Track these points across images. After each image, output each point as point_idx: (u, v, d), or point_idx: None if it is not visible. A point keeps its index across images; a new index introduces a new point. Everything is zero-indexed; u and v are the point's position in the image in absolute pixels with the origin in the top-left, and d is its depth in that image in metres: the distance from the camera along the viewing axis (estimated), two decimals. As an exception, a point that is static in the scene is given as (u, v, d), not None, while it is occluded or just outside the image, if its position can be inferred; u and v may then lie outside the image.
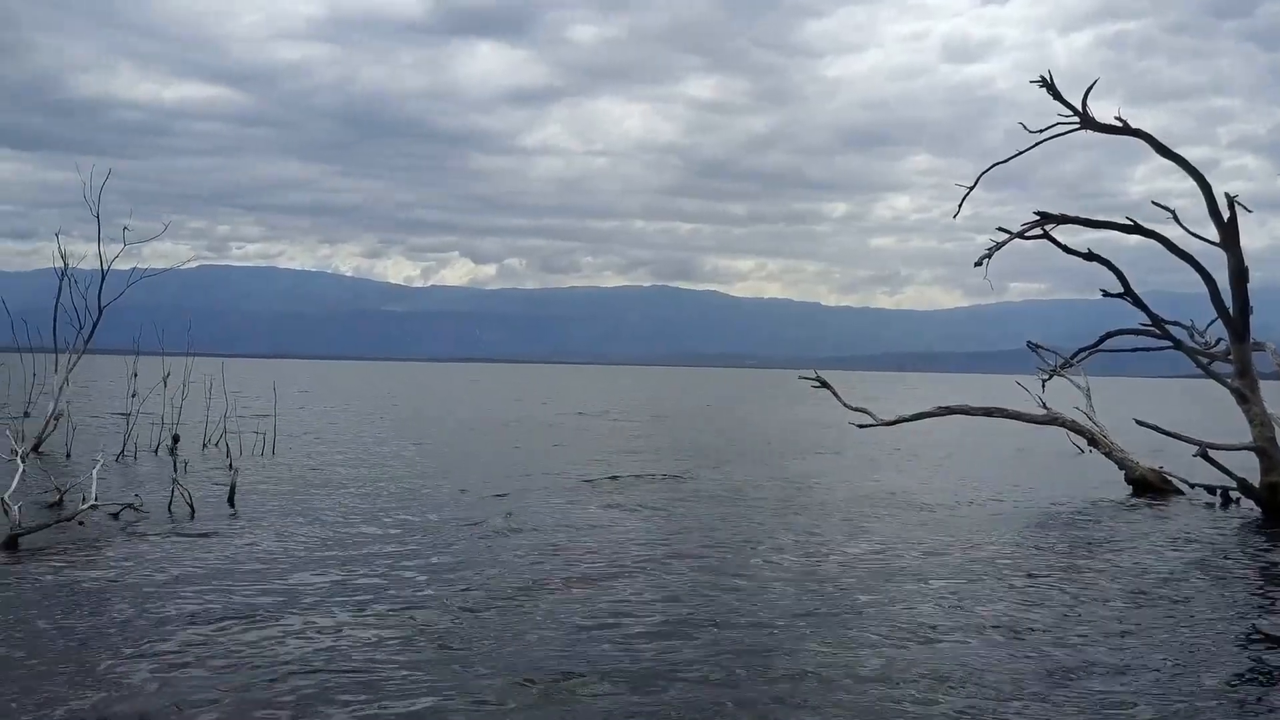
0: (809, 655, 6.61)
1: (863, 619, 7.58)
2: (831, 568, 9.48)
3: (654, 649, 6.67)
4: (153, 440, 18.59)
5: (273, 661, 6.23)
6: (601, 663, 6.36)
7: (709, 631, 7.11)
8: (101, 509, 11.02)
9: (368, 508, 12.50)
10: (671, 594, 8.22)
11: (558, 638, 6.92)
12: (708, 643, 6.83)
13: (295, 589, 8.11)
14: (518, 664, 6.30)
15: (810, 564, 9.64)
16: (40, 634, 6.75)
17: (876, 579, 8.98)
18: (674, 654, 6.58)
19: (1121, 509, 14.02)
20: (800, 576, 9.03)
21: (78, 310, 18.51)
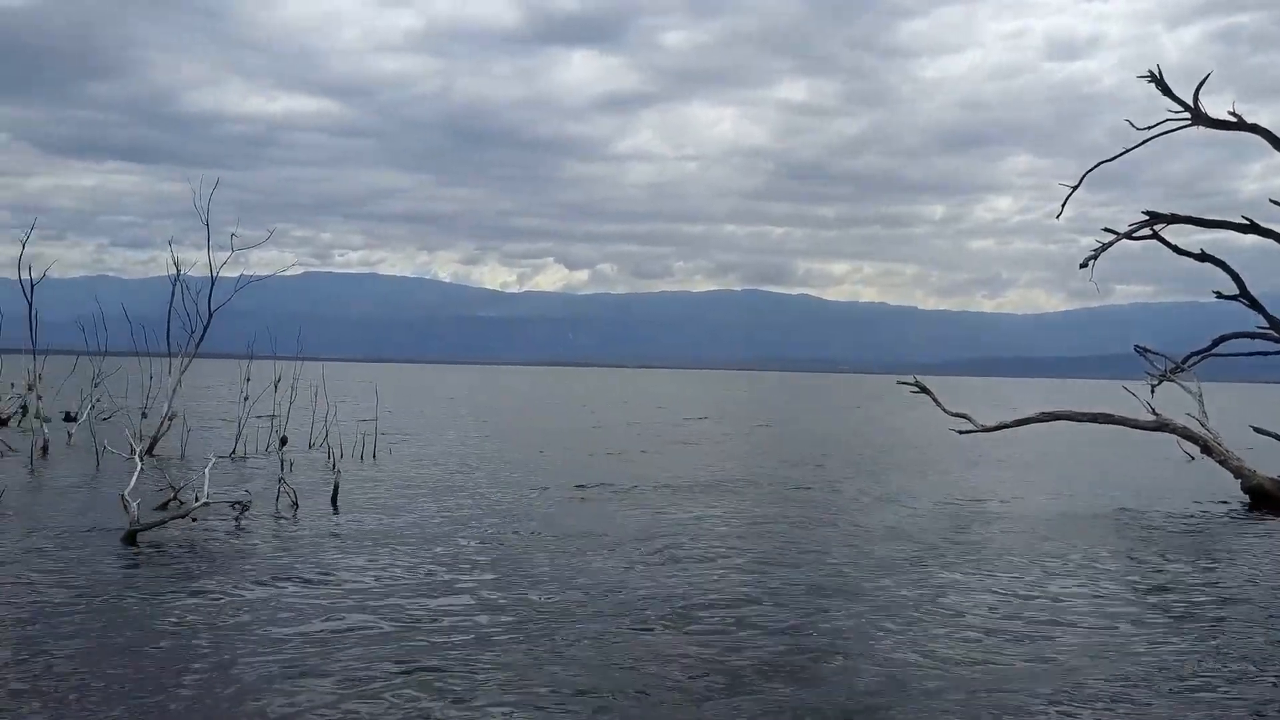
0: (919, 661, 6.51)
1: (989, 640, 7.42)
2: (940, 574, 9.31)
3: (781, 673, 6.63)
4: (261, 441, 19.21)
5: (366, 655, 6.39)
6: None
7: (836, 660, 7.03)
8: (213, 506, 11.45)
9: (470, 511, 12.71)
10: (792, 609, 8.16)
11: (676, 663, 6.92)
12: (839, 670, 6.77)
13: (390, 587, 8.31)
14: (623, 685, 6.32)
15: (912, 571, 9.48)
16: (155, 622, 7.06)
17: (993, 592, 8.78)
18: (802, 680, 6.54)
19: (1240, 519, 13.46)
20: (902, 584, 8.88)
21: (189, 315, 19.30)
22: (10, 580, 8.19)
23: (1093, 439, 23.39)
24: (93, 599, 7.65)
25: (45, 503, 12.63)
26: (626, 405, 48.17)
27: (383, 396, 21.59)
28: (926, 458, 21.82)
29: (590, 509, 13.01)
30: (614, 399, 56.83)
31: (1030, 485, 17.11)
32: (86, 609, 7.37)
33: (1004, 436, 16.58)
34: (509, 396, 56.63)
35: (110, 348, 23.67)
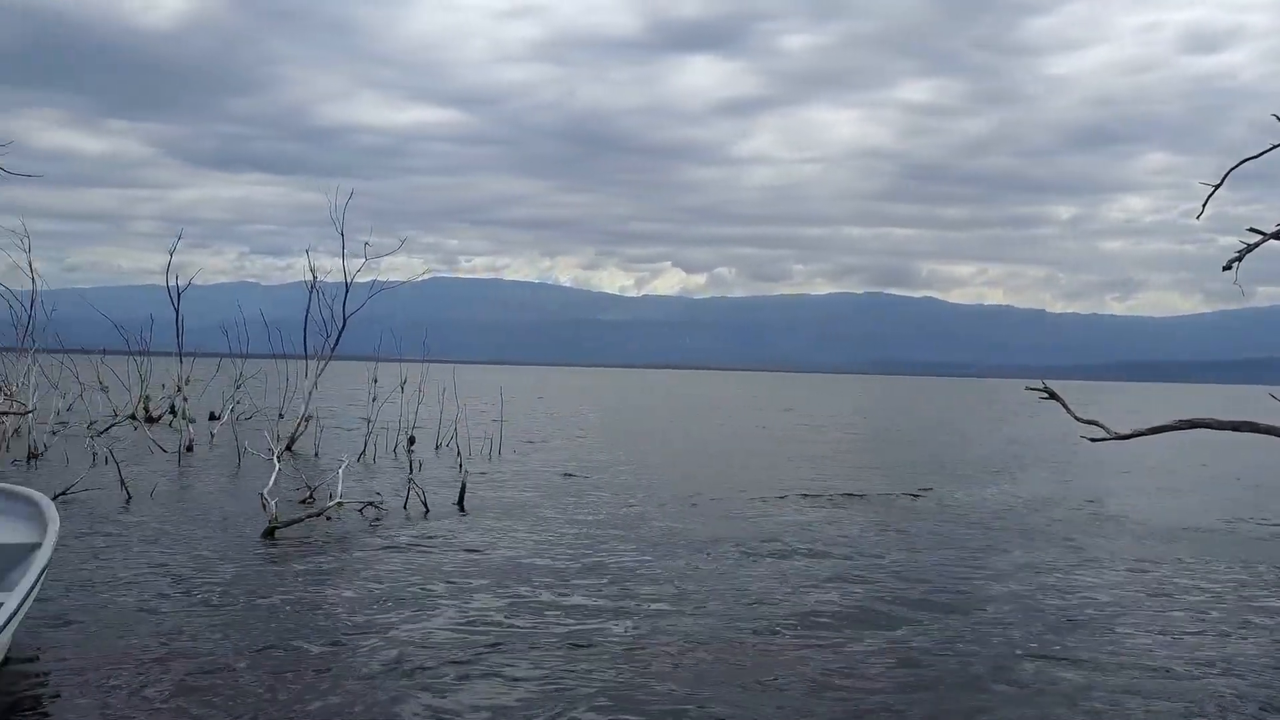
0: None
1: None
2: (1075, 599, 9.00)
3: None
4: (390, 442, 19.83)
5: (492, 652, 6.51)
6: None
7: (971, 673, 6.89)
8: (346, 506, 11.88)
9: (593, 513, 12.81)
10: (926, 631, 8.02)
11: (797, 686, 6.88)
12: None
13: (517, 585, 8.43)
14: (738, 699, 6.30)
15: (1052, 594, 9.18)
16: (292, 615, 7.35)
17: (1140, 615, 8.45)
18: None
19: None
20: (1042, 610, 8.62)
21: (324, 320, 20.07)
22: (159, 570, 8.65)
23: (1236, 447, 22.22)
24: (236, 591, 8.01)
25: (191, 498, 13.31)
26: (752, 409, 47.88)
27: (506, 398, 22.00)
28: (1060, 464, 21.07)
29: (719, 513, 12.93)
30: (739, 402, 56.53)
31: (1170, 495, 16.36)
32: (230, 600, 7.72)
33: (1138, 444, 15.86)
34: (628, 399, 56.97)
35: (250, 351, 24.81)
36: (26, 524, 7.15)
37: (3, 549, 6.74)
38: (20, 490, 7.62)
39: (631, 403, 51.78)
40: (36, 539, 6.71)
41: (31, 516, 7.21)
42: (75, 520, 10.58)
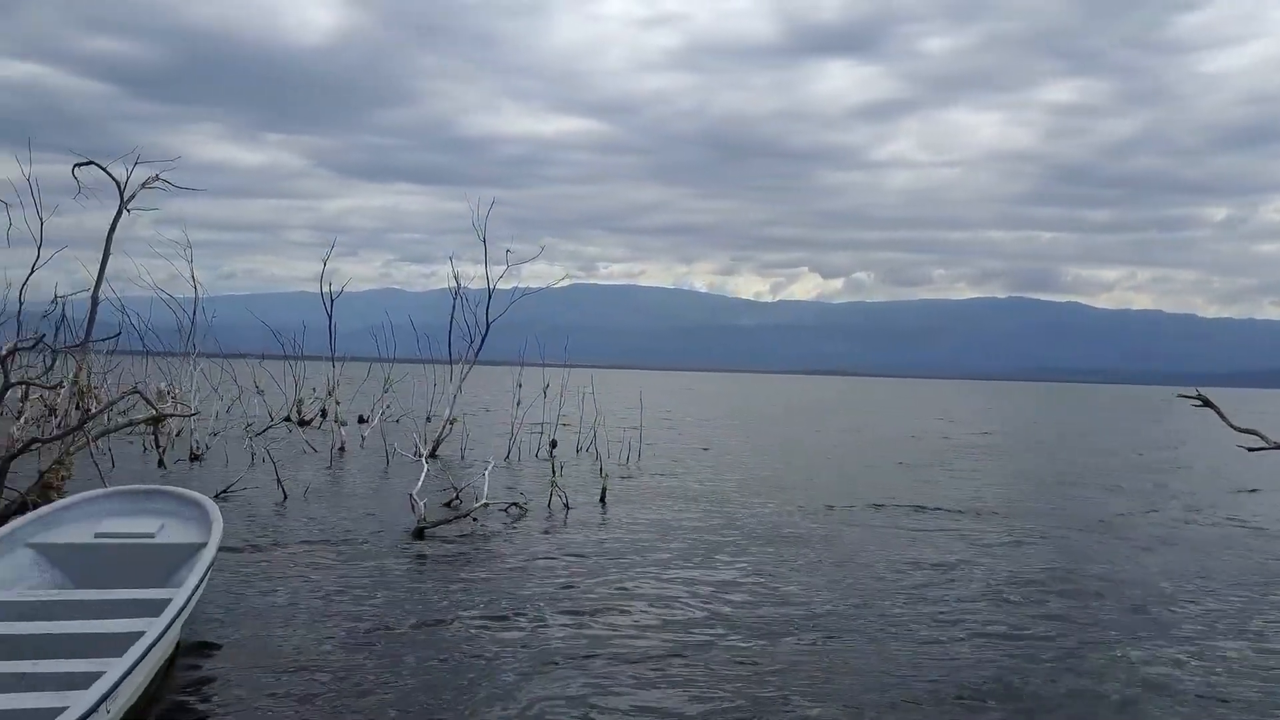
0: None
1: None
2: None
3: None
4: (533, 445, 19.95)
5: (633, 655, 6.32)
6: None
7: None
8: (492, 507, 11.90)
9: (736, 519, 12.53)
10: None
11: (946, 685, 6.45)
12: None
13: (658, 589, 8.25)
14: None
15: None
16: (441, 613, 7.33)
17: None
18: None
19: None
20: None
21: (468, 326, 20.39)
22: (314, 568, 8.80)
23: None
24: (386, 588, 8.08)
25: (343, 498, 13.58)
26: (901, 416, 46.73)
27: (645, 403, 21.88)
28: (1223, 477, 19.62)
29: (865, 524, 12.49)
30: (885, 409, 55.29)
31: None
32: (381, 596, 7.78)
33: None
34: (767, 404, 56.35)
35: (398, 355, 25.46)
36: (193, 525, 7.41)
37: (173, 548, 6.98)
38: (188, 493, 7.90)
39: (770, 408, 51.21)
40: (202, 539, 6.93)
41: (198, 518, 7.47)
42: (236, 518, 10.88)
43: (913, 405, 61.82)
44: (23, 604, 5.89)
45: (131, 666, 4.58)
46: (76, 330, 14.30)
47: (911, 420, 42.00)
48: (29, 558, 6.71)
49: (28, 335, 13.35)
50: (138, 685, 4.95)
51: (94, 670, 4.60)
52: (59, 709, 3.99)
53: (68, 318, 14.99)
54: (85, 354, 13.71)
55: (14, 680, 4.62)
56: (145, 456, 17.03)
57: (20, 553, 6.68)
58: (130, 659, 4.60)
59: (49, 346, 13.56)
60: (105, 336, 14.84)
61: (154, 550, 6.97)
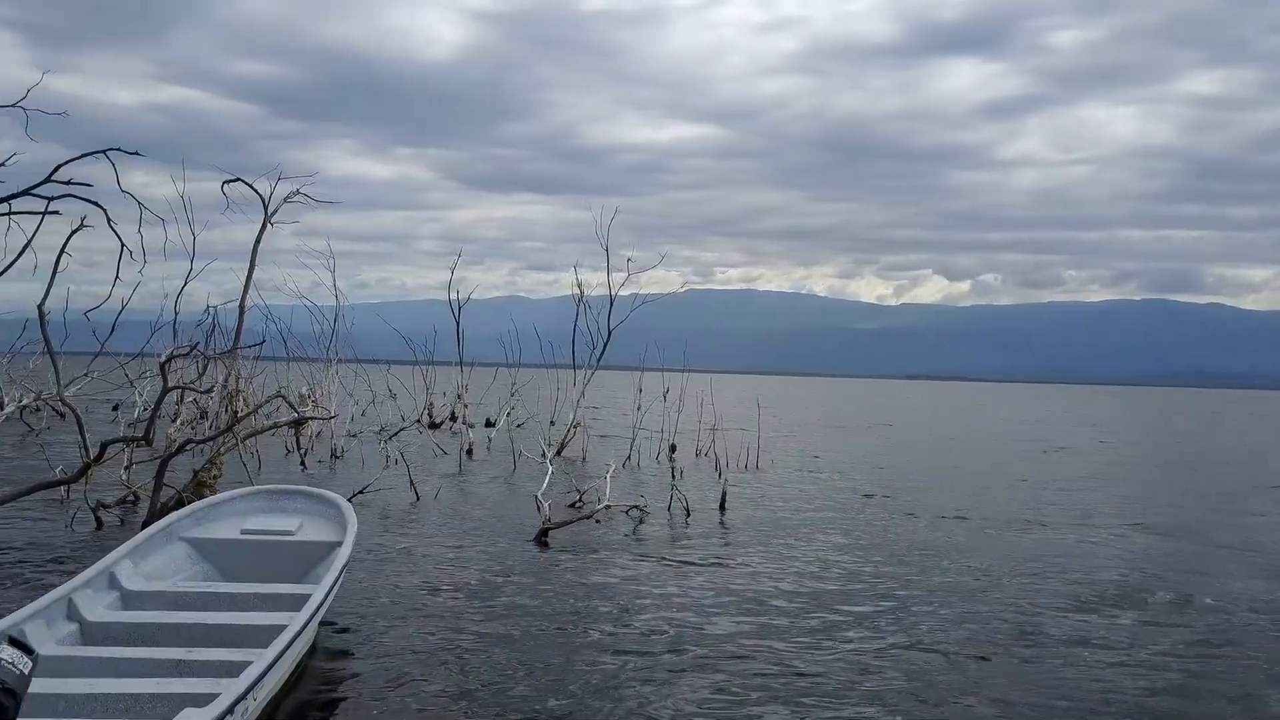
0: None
1: None
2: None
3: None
4: (653, 449, 20.20)
5: (753, 660, 6.43)
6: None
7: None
8: (614, 509, 12.17)
9: (854, 526, 12.49)
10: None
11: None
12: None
13: (776, 596, 8.33)
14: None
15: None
16: (566, 612, 7.59)
17: None
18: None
19: None
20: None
21: (590, 332, 20.80)
22: (444, 566, 9.19)
23: None
24: (514, 586, 8.39)
25: (472, 499, 14.07)
26: (1042, 423, 45.34)
27: (763, 408, 21.89)
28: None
29: (992, 537, 12.29)
30: (1019, 416, 53.69)
31: None
32: (509, 594, 8.09)
33: None
34: (891, 409, 55.34)
35: (522, 361, 26.10)
36: (330, 524, 7.78)
37: (311, 545, 7.38)
38: (325, 493, 8.29)
39: (895, 414, 50.29)
40: (338, 538, 7.29)
41: (334, 517, 7.84)
42: (370, 518, 11.42)
43: (1053, 412, 59.75)
44: (177, 594, 6.39)
45: (276, 658, 4.88)
46: (226, 338, 15.19)
47: (1055, 428, 40.69)
48: (183, 551, 7.23)
49: (183, 344, 14.28)
50: (281, 676, 5.25)
51: (242, 660, 4.96)
52: (212, 695, 4.30)
53: (218, 326, 15.93)
54: (234, 360, 14.56)
55: (174, 666, 5.03)
56: (288, 457, 17.94)
57: (175, 546, 7.21)
58: (274, 651, 4.90)
59: (202, 354, 14.43)
60: (252, 344, 15.68)
61: (294, 547, 7.41)
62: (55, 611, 5.54)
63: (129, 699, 4.50)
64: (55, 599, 5.57)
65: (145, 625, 5.70)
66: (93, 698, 4.47)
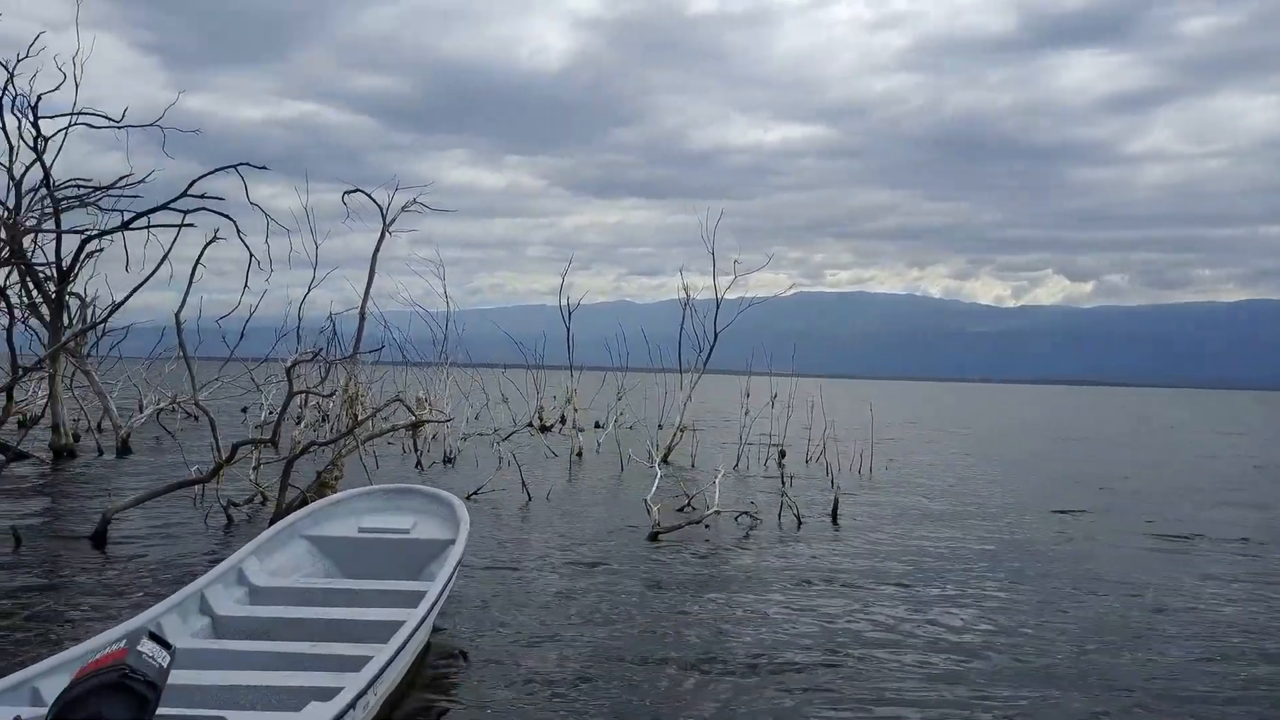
0: None
1: None
2: None
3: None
4: (762, 455, 20.11)
5: (864, 670, 6.34)
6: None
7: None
8: (723, 515, 12.16)
9: (974, 539, 12.19)
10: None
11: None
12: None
13: (885, 607, 8.21)
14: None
15: None
16: (675, 615, 7.62)
17: None
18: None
19: None
20: None
21: (697, 335, 20.83)
22: (556, 566, 9.32)
23: None
24: (624, 589, 8.46)
25: (582, 501, 14.25)
26: (1174, 430, 43.53)
27: (875, 413, 21.54)
28: None
29: (1129, 556, 11.85)
30: (1146, 420, 51.58)
31: None
32: (619, 597, 8.16)
33: None
34: (1011, 415, 53.80)
35: (630, 365, 26.29)
36: (444, 523, 7.98)
37: (425, 544, 7.59)
38: (439, 493, 8.50)
39: (1017, 420, 48.85)
40: (451, 536, 7.47)
41: (448, 516, 8.03)
42: (484, 518, 11.68)
43: (1196, 417, 57.17)
44: (300, 590, 6.66)
45: (395, 653, 5.02)
46: (346, 343, 15.73)
47: (1197, 435, 38.98)
48: (304, 548, 7.53)
49: (307, 349, 14.86)
50: (399, 671, 5.39)
51: (362, 654, 5.13)
52: (335, 689, 4.46)
53: (338, 332, 16.51)
54: (354, 365, 15.06)
55: (298, 660, 5.25)
56: (404, 459, 18.46)
57: (297, 544, 7.51)
58: (393, 646, 5.05)
59: (324, 359, 14.98)
60: (371, 349, 16.23)
61: (409, 545, 7.63)
62: (189, 606, 5.83)
63: (258, 691, 4.70)
64: (189, 594, 5.87)
65: (271, 620, 5.96)
66: (225, 689, 4.68)
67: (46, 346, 16.40)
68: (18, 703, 4.06)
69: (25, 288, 16.49)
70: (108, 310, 17.27)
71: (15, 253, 12.94)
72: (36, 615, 7.15)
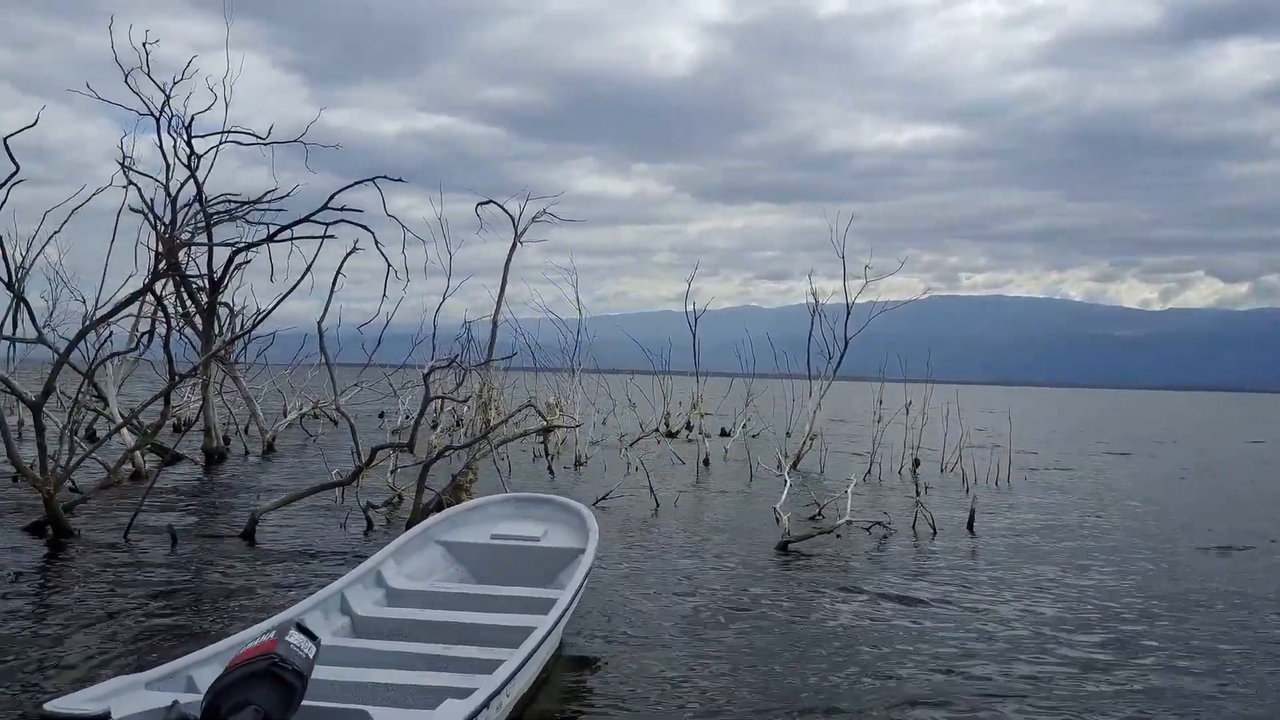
0: None
1: None
2: None
3: None
4: (894, 463, 19.64)
5: (997, 687, 6.09)
6: None
7: None
8: (855, 524, 11.90)
9: (1112, 555, 11.65)
10: None
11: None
12: None
13: (1028, 623, 7.86)
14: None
15: None
16: (805, 627, 7.48)
17: None
18: None
19: None
20: None
21: (826, 341, 20.50)
22: (684, 574, 9.28)
23: None
24: (753, 598, 8.36)
25: (710, 509, 14.16)
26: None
27: (1014, 421, 20.78)
28: None
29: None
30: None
31: None
32: (748, 606, 8.08)
33: None
34: (1160, 423, 51.25)
35: (757, 371, 26.10)
36: (573, 531, 8.07)
37: (556, 552, 7.67)
38: (569, 502, 8.60)
39: (1170, 428, 46.52)
40: (581, 545, 7.53)
41: (577, 525, 8.11)
42: (612, 524, 11.72)
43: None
44: (434, 594, 6.80)
45: (526, 658, 5.06)
46: (480, 350, 16.06)
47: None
48: (438, 553, 7.70)
49: (442, 356, 15.24)
50: (530, 676, 5.44)
51: (494, 658, 5.20)
52: (470, 689, 4.52)
53: (472, 339, 16.89)
54: (488, 371, 15.36)
55: (433, 661, 5.35)
56: (535, 463, 18.74)
57: (431, 548, 7.69)
58: (525, 651, 5.09)
59: (459, 365, 15.35)
60: (504, 355, 16.53)
61: (539, 553, 7.71)
62: (331, 604, 6.03)
63: (395, 689, 4.82)
64: (331, 593, 6.06)
65: (407, 621, 6.10)
66: (364, 685, 4.81)
67: (199, 354, 17.26)
68: (174, 689, 4.26)
69: (180, 298, 17.41)
70: (255, 319, 18.09)
71: (172, 265, 13.66)
72: (191, 608, 7.52)
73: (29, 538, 10.03)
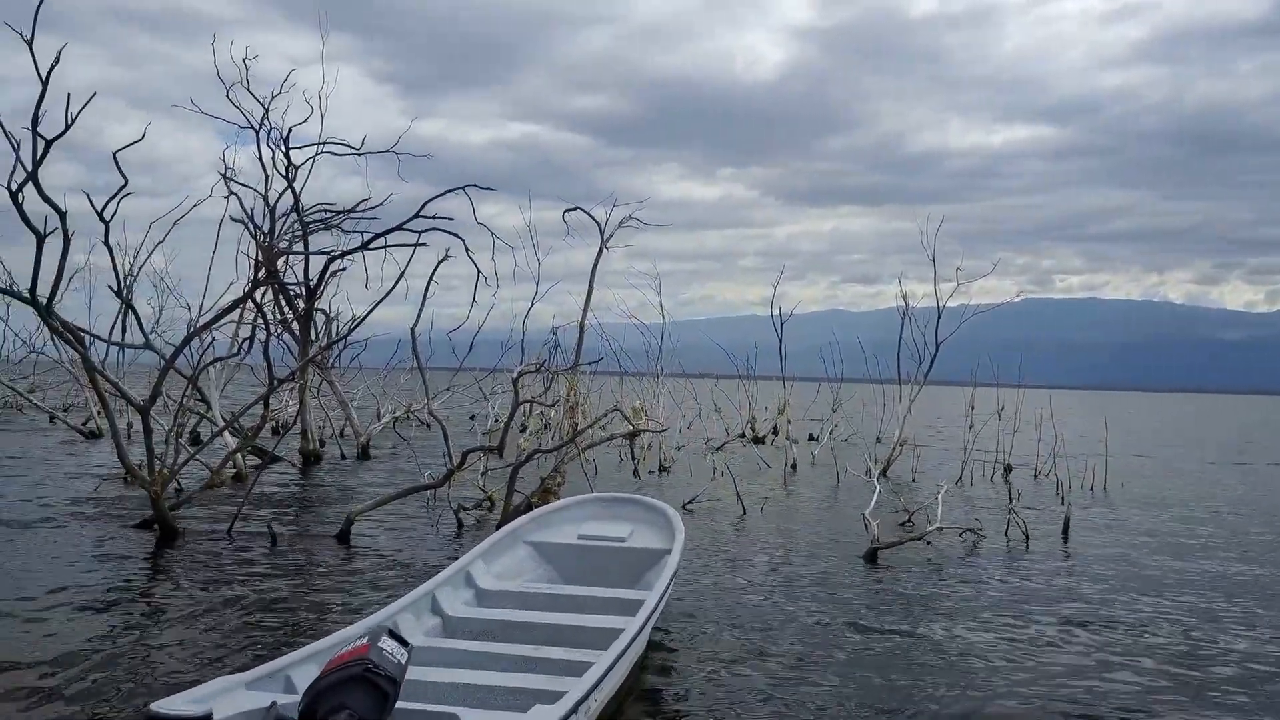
0: None
1: None
2: None
3: None
4: (986, 469, 19.23)
5: (1094, 700, 5.91)
6: None
7: None
8: (946, 531, 11.69)
9: (1217, 566, 11.25)
10: None
11: None
12: None
13: (1127, 633, 7.62)
14: None
15: None
16: (894, 636, 7.32)
17: None
18: None
19: None
20: None
21: (917, 345, 20.17)
22: (771, 580, 9.22)
23: None
24: (841, 606, 8.26)
25: (797, 515, 14.05)
26: None
27: (1111, 426, 20.16)
28: None
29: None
30: None
31: None
32: (837, 614, 7.97)
33: None
34: (1271, 431, 49.19)
35: (845, 375, 25.81)
36: (659, 532, 8.09)
37: (642, 552, 7.71)
38: (655, 503, 8.63)
39: (1271, 437, 44.66)
40: (667, 546, 7.56)
41: (663, 526, 8.14)
42: (698, 528, 11.72)
43: None
44: (523, 594, 6.89)
45: (615, 660, 5.07)
46: (567, 355, 16.22)
47: None
48: (527, 553, 7.80)
49: (531, 361, 15.44)
50: (618, 678, 5.45)
51: (583, 660, 5.24)
52: (559, 692, 4.56)
53: (560, 344, 17.06)
54: (574, 375, 15.50)
55: (522, 662, 5.41)
56: (621, 466, 18.83)
57: (520, 549, 7.79)
58: (614, 653, 5.10)
59: (547, 370, 15.53)
60: (590, 360, 16.64)
61: (626, 553, 7.76)
62: (422, 605, 6.15)
63: (485, 690, 4.88)
64: (422, 594, 6.18)
65: (496, 622, 6.19)
66: (455, 687, 4.89)
67: (297, 359, 17.76)
68: (274, 689, 4.40)
69: (279, 305, 17.94)
70: (350, 325, 18.54)
71: (271, 274, 14.08)
72: (290, 607, 7.75)
73: (138, 535, 10.47)
